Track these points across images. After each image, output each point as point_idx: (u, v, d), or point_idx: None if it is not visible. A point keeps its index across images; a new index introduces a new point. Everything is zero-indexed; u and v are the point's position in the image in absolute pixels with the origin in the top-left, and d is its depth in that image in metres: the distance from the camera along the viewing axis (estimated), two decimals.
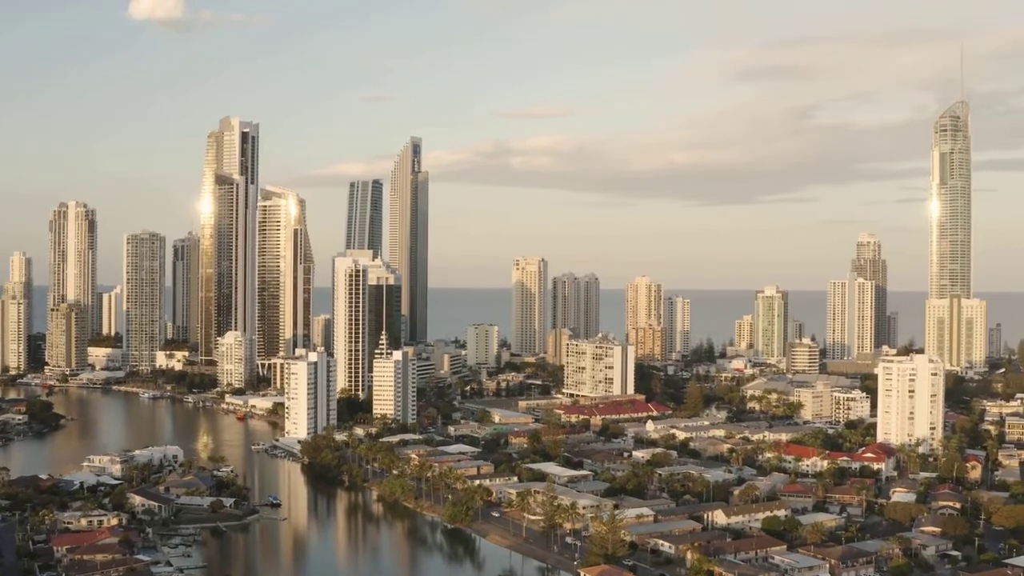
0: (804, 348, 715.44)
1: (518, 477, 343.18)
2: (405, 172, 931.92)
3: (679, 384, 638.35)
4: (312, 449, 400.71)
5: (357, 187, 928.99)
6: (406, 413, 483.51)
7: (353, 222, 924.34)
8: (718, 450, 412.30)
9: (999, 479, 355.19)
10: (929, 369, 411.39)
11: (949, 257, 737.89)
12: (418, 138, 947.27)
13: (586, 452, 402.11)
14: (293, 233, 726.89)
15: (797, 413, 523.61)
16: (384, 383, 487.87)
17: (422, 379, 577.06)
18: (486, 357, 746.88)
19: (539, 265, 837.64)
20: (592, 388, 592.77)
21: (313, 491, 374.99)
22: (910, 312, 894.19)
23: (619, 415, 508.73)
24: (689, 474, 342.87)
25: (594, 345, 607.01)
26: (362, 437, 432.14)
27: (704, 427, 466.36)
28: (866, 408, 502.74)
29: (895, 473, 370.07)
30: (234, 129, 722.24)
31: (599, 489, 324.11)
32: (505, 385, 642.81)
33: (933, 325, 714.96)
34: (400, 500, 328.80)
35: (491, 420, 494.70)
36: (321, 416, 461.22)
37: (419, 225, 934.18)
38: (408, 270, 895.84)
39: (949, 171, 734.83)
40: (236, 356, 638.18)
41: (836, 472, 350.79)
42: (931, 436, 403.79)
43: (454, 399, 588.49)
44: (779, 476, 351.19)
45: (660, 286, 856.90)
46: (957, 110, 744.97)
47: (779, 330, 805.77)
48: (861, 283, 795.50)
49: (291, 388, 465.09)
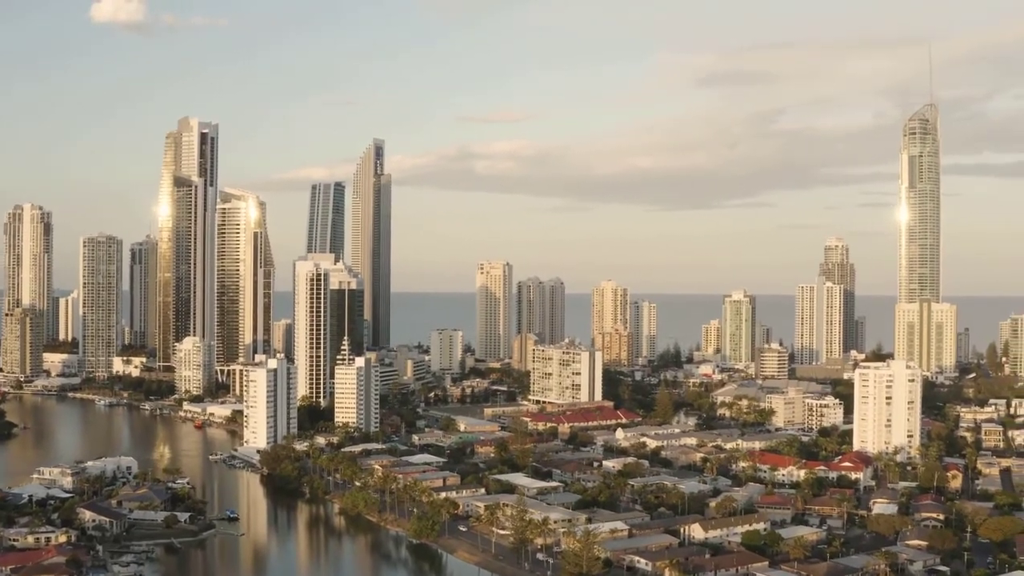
0: (773, 353, 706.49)
1: (486, 489, 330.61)
2: (367, 175, 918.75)
3: (647, 390, 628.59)
4: (271, 459, 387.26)
5: (319, 190, 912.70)
6: (369, 421, 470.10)
7: (315, 225, 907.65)
8: (690, 459, 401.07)
9: (980, 489, 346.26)
10: (906, 375, 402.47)
11: (918, 261, 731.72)
12: (381, 140, 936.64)
13: (555, 462, 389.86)
14: (253, 236, 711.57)
15: (769, 420, 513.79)
16: (346, 390, 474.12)
17: (385, 386, 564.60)
18: (450, 363, 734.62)
19: (504, 269, 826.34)
20: (559, 395, 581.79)
21: (273, 504, 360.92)
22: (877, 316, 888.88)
23: (587, 423, 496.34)
24: (663, 485, 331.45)
25: (561, 351, 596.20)
26: (323, 447, 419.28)
27: (675, 435, 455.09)
28: (839, 415, 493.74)
29: (873, 483, 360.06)
30: (192, 130, 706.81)
31: (570, 501, 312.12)
32: (470, 391, 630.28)
33: (903, 330, 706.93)
34: (363, 513, 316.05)
35: (456, 428, 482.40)
36: (281, 425, 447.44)
37: (382, 228, 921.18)
38: (371, 274, 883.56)
39: (918, 174, 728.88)
40: (194, 362, 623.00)
41: (814, 482, 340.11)
42: (908, 444, 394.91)
43: (418, 406, 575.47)
44: (755, 487, 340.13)
45: (626, 290, 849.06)
46: (926, 113, 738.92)
47: (747, 335, 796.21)
48: (830, 287, 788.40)
49: (250, 396, 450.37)
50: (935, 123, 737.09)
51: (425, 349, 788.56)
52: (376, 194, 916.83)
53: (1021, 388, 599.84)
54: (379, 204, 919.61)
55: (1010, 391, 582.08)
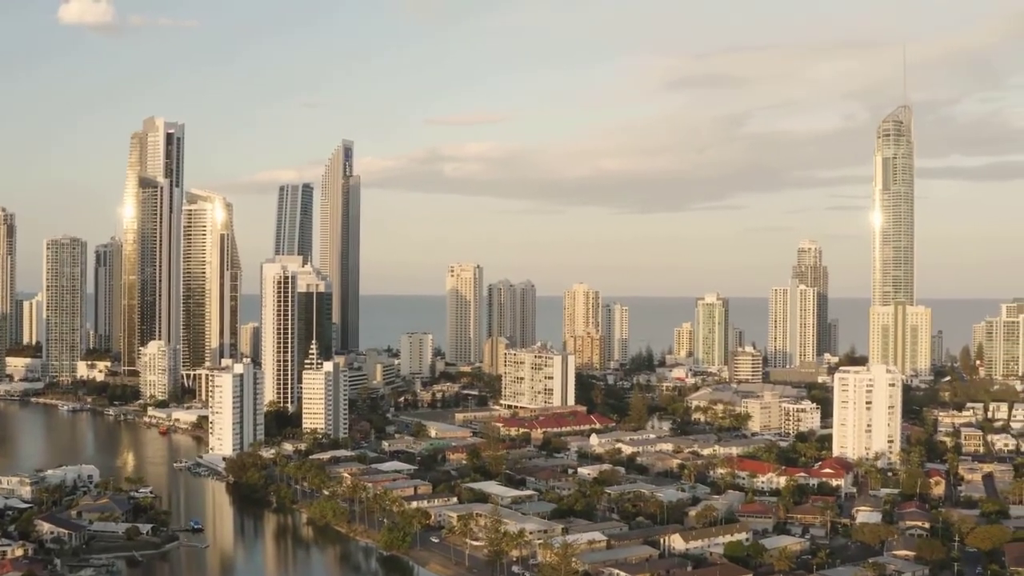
0: (747, 356, 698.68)
1: (458, 498, 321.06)
2: (336, 176, 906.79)
3: (620, 394, 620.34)
4: (237, 467, 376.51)
5: (287, 191, 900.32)
6: (337, 428, 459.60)
7: (283, 227, 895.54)
8: (667, 465, 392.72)
9: (964, 495, 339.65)
10: (886, 380, 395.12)
11: (892, 264, 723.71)
12: (350, 142, 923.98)
13: (529, 469, 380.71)
14: (220, 238, 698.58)
15: (744, 425, 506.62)
16: (314, 396, 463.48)
17: (354, 390, 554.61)
18: (420, 367, 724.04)
19: (474, 272, 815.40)
20: (531, 399, 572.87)
21: (239, 514, 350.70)
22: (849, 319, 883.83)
23: (561, 428, 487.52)
24: (640, 493, 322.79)
25: (533, 354, 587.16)
26: (291, 454, 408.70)
27: (650, 440, 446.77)
28: (816, 419, 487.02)
29: (854, 489, 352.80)
30: (158, 130, 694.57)
31: (545, 511, 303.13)
32: (440, 396, 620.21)
33: (877, 333, 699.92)
34: (332, 524, 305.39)
35: (427, 434, 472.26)
36: (247, 431, 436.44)
37: (351, 230, 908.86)
38: (339, 277, 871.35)
39: (892, 176, 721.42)
40: (159, 367, 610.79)
41: (795, 490, 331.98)
42: (889, 450, 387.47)
43: (387, 411, 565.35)
44: (735, 494, 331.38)
45: (598, 293, 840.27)
46: (900, 115, 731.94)
47: (720, 338, 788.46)
48: (803, 290, 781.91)
49: (215, 402, 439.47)
50: (909, 125, 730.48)
51: (395, 353, 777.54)
52: (345, 196, 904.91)
53: (998, 391, 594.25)
54: (348, 206, 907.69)
55: (986, 394, 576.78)
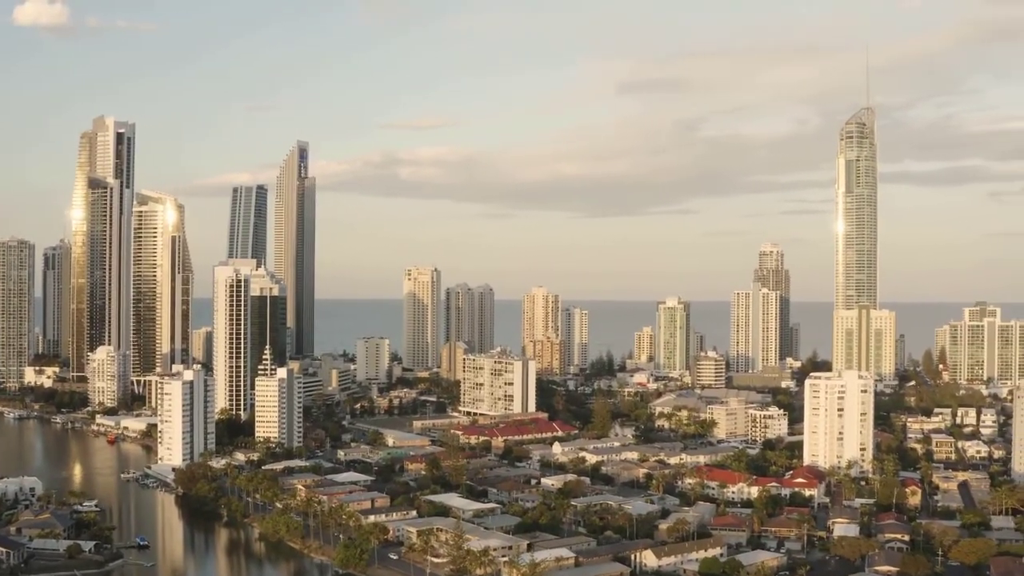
0: (710, 361, 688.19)
1: (417, 511, 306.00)
2: (291, 178, 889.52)
3: (582, 400, 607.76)
4: (187, 479, 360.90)
5: (240, 193, 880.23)
6: (291, 436, 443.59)
7: (236, 230, 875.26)
8: (633, 475, 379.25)
9: (941, 506, 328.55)
10: (858, 386, 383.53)
11: (855, 267, 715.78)
12: (305, 142, 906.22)
13: (490, 479, 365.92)
14: (171, 240, 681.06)
15: (710, 431, 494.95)
16: (267, 403, 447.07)
17: (309, 396, 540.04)
18: (377, 372, 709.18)
19: (432, 275, 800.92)
20: (491, 405, 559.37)
21: (189, 528, 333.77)
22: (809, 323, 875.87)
23: (522, 436, 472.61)
24: (608, 505, 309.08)
25: (493, 360, 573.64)
26: (243, 464, 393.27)
27: (615, 448, 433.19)
28: (784, 426, 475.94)
29: (827, 499, 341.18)
30: (108, 129, 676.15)
31: (509, 525, 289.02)
32: (398, 402, 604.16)
33: (841, 337, 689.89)
34: (285, 539, 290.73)
35: (384, 443, 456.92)
36: (198, 440, 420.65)
37: (305, 233, 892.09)
38: (294, 280, 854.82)
39: (855, 179, 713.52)
40: (108, 373, 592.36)
41: (768, 500, 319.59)
42: (861, 458, 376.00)
43: (343, 418, 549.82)
44: (705, 506, 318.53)
45: (558, 297, 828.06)
46: (863, 117, 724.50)
47: (681, 342, 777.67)
48: (765, 293, 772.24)
49: (164, 410, 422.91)
50: (872, 127, 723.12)
51: (351, 358, 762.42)
52: (300, 198, 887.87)
53: (964, 396, 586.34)
54: (303, 208, 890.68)
55: (953, 399, 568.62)
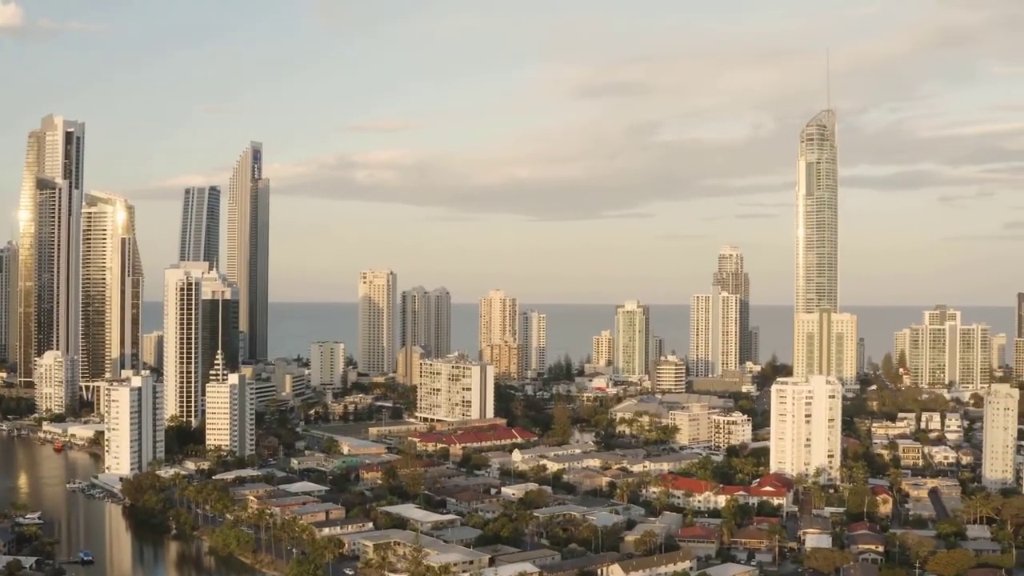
0: (670, 366, 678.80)
1: (374, 523, 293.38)
2: (244, 179, 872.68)
3: (541, 406, 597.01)
4: (134, 489, 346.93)
5: (192, 194, 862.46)
6: (243, 444, 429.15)
7: (188, 232, 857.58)
8: (595, 484, 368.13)
9: (913, 514, 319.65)
10: (826, 391, 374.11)
11: (816, 270, 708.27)
12: (259, 143, 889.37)
13: (449, 489, 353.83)
14: (121, 242, 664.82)
15: (672, 438, 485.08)
16: (218, 410, 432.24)
17: (262, 402, 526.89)
18: (331, 377, 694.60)
19: (387, 278, 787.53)
20: (448, 411, 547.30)
21: (137, 541, 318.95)
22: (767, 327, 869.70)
23: (481, 443, 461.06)
24: (572, 516, 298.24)
25: (450, 365, 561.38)
26: (193, 473, 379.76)
27: (576, 456, 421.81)
28: (748, 432, 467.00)
29: (796, 508, 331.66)
30: (57, 129, 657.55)
31: (469, 538, 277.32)
32: (353, 408, 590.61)
33: (802, 340, 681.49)
34: (236, 554, 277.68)
35: (339, 451, 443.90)
36: (147, 449, 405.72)
37: (259, 235, 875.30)
38: (247, 283, 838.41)
39: (816, 181, 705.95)
40: (56, 378, 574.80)
41: (737, 510, 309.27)
42: (829, 465, 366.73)
43: (297, 425, 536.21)
44: (672, 516, 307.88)
45: (515, 300, 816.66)
46: (823, 119, 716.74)
47: (640, 346, 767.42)
48: (725, 297, 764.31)
49: (112, 417, 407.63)
50: (833, 129, 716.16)
51: (305, 362, 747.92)
52: (253, 199, 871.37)
53: (927, 401, 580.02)
54: (256, 210, 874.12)
55: (916, 404, 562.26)
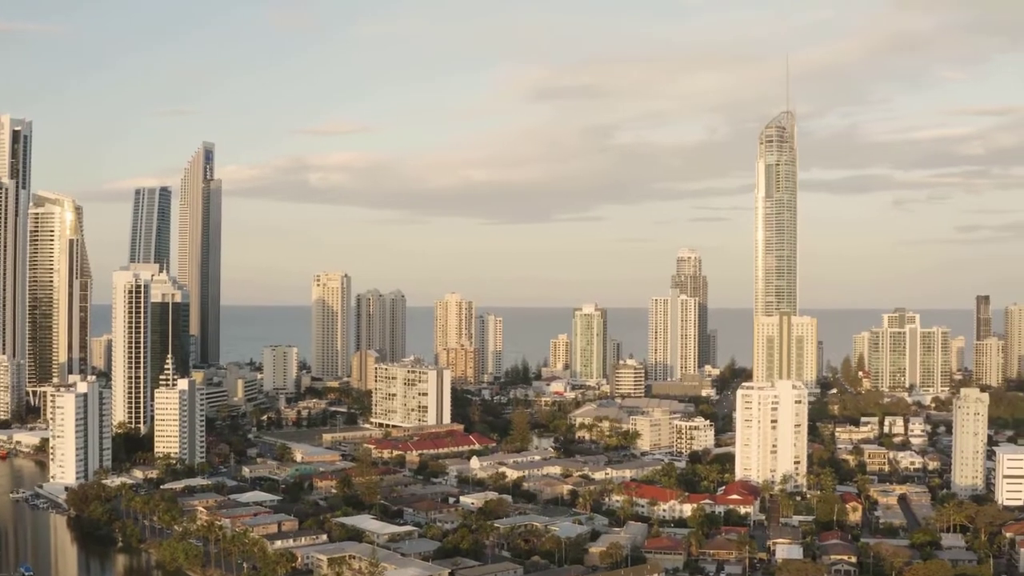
0: (629, 370, 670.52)
1: (328, 535, 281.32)
2: (196, 180, 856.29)
3: (498, 411, 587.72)
4: (79, 499, 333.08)
5: (143, 195, 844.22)
6: (193, 452, 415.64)
7: (138, 234, 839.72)
8: (556, 492, 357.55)
9: (883, 522, 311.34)
10: (792, 396, 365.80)
11: (775, 273, 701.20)
12: (211, 143, 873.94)
13: (406, 498, 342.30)
14: (69, 244, 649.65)
15: (633, 443, 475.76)
16: (167, 417, 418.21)
17: (213, 408, 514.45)
18: (284, 382, 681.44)
19: (341, 281, 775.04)
20: (404, 417, 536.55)
21: (83, 554, 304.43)
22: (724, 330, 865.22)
23: (438, 449, 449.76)
24: (534, 527, 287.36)
25: (406, 369, 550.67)
26: (140, 482, 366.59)
27: (536, 463, 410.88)
28: (711, 437, 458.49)
29: (763, 516, 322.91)
30: (4, 127, 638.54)
31: (428, 550, 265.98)
32: (307, 414, 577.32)
33: (762, 344, 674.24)
34: (184, 568, 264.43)
35: (292, 458, 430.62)
36: (93, 457, 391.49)
37: (211, 237, 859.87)
38: (199, 286, 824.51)
39: (775, 183, 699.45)
40: (1, 383, 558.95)
41: (704, 519, 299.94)
42: (796, 471, 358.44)
43: (249, 431, 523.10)
44: (637, 526, 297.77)
45: (471, 303, 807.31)
46: (783, 121, 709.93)
47: (598, 350, 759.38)
48: (684, 300, 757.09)
49: (57, 424, 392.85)
50: (792, 131, 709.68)
51: (257, 367, 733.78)
52: (205, 200, 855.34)
53: (889, 405, 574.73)
54: (208, 211, 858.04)
55: (877, 408, 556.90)
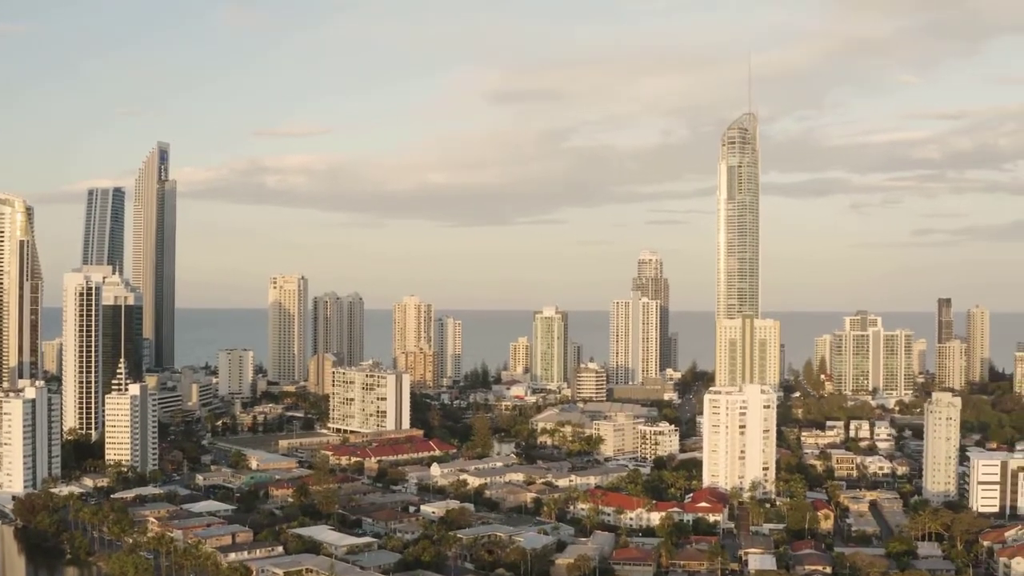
0: (591, 373, 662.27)
1: (284, 547, 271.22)
2: (151, 180, 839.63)
3: (458, 415, 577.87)
4: (27, 509, 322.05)
5: (96, 196, 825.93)
6: (145, 460, 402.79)
7: (91, 235, 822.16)
8: (520, 500, 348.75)
9: (856, 530, 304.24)
10: (761, 401, 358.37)
11: (737, 275, 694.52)
12: (166, 144, 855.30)
13: (364, 507, 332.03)
14: (19, 245, 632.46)
15: (596, 449, 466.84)
16: (118, 423, 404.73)
17: (167, 413, 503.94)
18: (240, 386, 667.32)
19: (298, 283, 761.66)
20: (363, 422, 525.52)
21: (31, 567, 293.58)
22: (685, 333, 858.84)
23: (397, 455, 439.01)
24: (498, 537, 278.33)
25: (364, 373, 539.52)
26: (90, 491, 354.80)
27: (498, 470, 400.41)
28: (675, 442, 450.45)
29: (732, 525, 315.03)
30: None
31: (388, 562, 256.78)
32: (263, 419, 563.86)
33: (724, 347, 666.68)
34: None
35: (247, 465, 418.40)
36: (42, 465, 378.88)
37: (166, 239, 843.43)
38: (153, 288, 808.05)
39: (737, 185, 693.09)
40: None
41: (673, 529, 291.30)
42: (765, 478, 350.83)
43: (204, 437, 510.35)
44: (604, 536, 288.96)
45: (430, 306, 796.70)
46: (745, 122, 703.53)
47: (559, 353, 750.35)
48: (646, 303, 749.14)
49: (3, 432, 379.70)
50: (754, 133, 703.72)
51: (213, 371, 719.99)
52: (160, 201, 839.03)
53: (853, 408, 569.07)
54: (163, 212, 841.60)
55: (842, 411, 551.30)
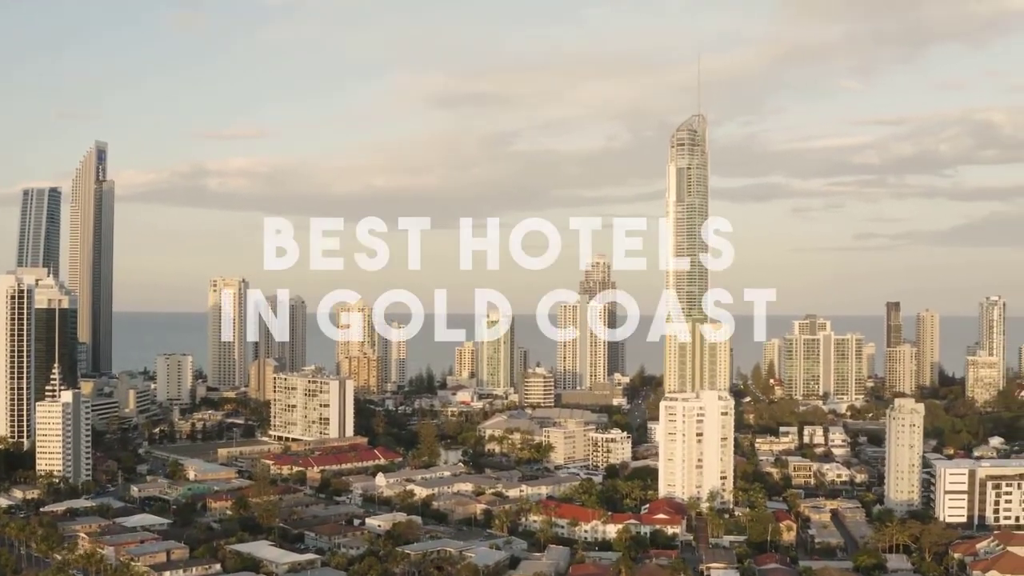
0: (539, 379, 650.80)
1: (222, 565, 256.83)
2: (88, 180, 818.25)
3: (403, 422, 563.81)
4: None
5: (31, 196, 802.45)
6: (78, 470, 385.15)
7: (26, 237, 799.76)
8: (469, 511, 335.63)
9: (819, 542, 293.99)
10: (719, 408, 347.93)
11: (687, 279, 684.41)
12: (103, 143, 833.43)
13: (307, 521, 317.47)
14: None
15: (546, 456, 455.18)
16: (50, 431, 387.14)
17: (103, 420, 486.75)
18: (179, 392, 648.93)
19: (239, 286, 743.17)
20: (305, 429, 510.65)
21: None
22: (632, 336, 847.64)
23: (341, 464, 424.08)
24: (448, 553, 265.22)
25: (306, 379, 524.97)
26: (20, 504, 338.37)
27: (446, 479, 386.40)
28: (628, 450, 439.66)
29: (691, 536, 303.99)
30: None
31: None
32: (202, 426, 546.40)
33: (674, 351, 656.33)
34: None
35: (185, 475, 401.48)
36: None
37: (103, 240, 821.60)
38: (90, 291, 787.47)
39: (687, 188, 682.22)
40: None
41: (631, 542, 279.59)
42: (723, 487, 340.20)
43: (140, 446, 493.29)
44: (559, 551, 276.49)
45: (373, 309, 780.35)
46: (695, 124, 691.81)
47: (505, 358, 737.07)
48: (593, 306, 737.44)
49: None
50: (704, 134, 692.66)
51: (151, 376, 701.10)
52: (97, 202, 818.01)
53: (805, 413, 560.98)
54: (100, 213, 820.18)
55: (793, 416, 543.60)
